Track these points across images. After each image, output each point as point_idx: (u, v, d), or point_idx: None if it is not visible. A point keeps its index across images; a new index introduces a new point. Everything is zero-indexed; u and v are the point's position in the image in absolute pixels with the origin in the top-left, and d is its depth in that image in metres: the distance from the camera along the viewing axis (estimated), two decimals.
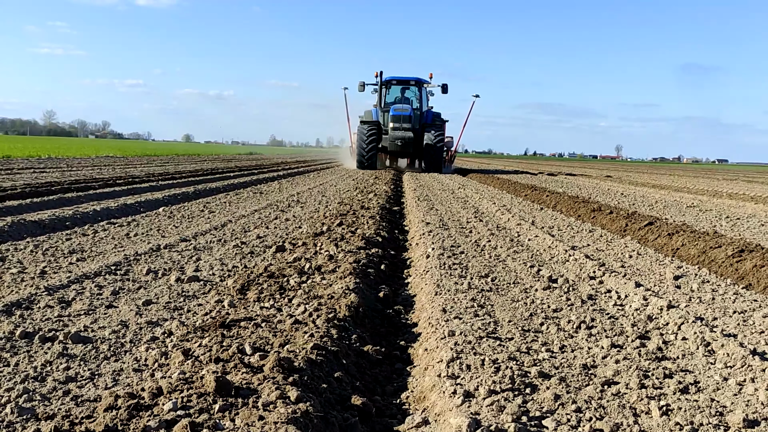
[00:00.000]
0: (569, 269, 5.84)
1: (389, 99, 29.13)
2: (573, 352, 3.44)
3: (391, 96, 29.30)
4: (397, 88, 29.33)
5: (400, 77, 29.16)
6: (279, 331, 3.30)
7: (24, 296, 3.77)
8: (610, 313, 4.31)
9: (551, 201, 13.25)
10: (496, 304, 4.39)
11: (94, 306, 3.74)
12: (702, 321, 4.07)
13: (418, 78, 28.97)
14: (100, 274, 4.50)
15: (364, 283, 4.71)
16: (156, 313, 3.69)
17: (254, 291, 4.21)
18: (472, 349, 3.28)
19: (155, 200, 9.93)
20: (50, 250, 5.40)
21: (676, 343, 3.62)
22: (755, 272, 6.07)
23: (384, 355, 3.48)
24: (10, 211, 8.22)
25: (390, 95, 29.30)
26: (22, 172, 16.82)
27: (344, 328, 3.53)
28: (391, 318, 4.30)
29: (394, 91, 29.44)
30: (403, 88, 29.27)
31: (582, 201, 12.68)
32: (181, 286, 4.36)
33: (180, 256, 5.42)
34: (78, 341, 3.11)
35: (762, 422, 2.60)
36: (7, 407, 2.33)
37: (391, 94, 29.32)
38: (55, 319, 3.44)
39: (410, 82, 28.97)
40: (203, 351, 2.97)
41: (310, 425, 2.33)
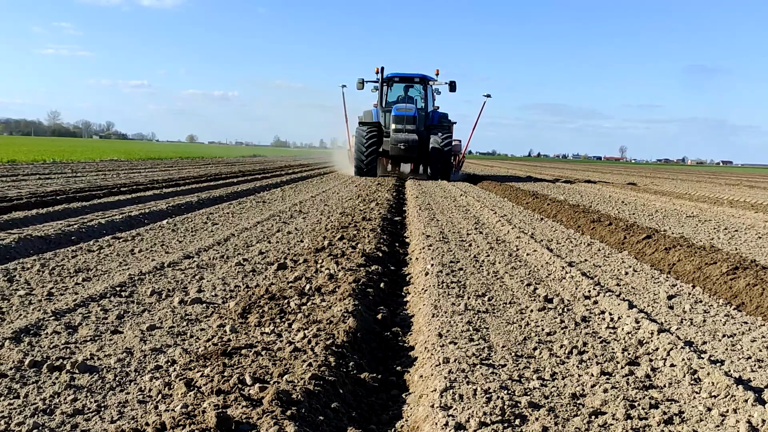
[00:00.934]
0: (565, 287, 5.95)
1: (391, 98, 26.89)
2: (564, 379, 3.54)
3: (393, 95, 27.08)
4: (399, 86, 27.05)
5: (404, 74, 26.77)
6: (279, 360, 3.42)
7: (32, 321, 3.89)
8: (603, 336, 4.41)
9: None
10: (492, 326, 4.50)
11: (100, 332, 3.86)
12: (691, 346, 4.18)
13: (423, 75, 26.61)
14: (106, 296, 4.62)
15: (362, 304, 4.82)
16: (160, 339, 3.81)
17: (255, 315, 4.32)
18: (465, 378, 3.39)
19: (159, 211, 10.06)
20: (57, 269, 5.52)
21: (664, 371, 3.72)
22: (748, 291, 6.17)
23: (380, 381, 3.59)
24: (17, 224, 8.34)
25: (392, 94, 27.08)
26: (27, 178, 16.97)
27: (342, 355, 3.64)
28: (389, 341, 4.42)
29: (397, 90, 27.17)
30: (407, 86, 26.91)
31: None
32: (184, 309, 4.48)
33: (183, 275, 5.53)
34: (85, 371, 3.22)
35: None
36: None
37: (393, 93, 27.11)
38: (62, 346, 3.56)
39: (414, 79, 26.63)
40: (205, 381, 3.08)
41: None
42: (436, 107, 26.69)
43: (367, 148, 24.02)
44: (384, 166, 28.25)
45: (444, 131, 24.85)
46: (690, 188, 26.84)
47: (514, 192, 18.60)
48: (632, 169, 76.11)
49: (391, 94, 27.02)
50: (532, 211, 13.64)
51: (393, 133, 24.54)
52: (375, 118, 25.87)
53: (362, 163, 24.21)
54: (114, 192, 13.46)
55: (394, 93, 27.07)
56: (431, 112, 26.37)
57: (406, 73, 26.71)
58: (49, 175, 18.88)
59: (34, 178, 17.06)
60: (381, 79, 26.03)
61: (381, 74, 25.90)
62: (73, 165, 25.29)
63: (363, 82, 26.20)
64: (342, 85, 27.54)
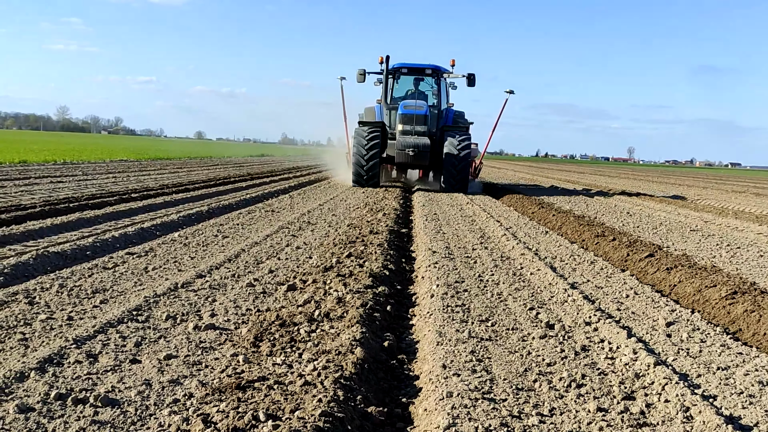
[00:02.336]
0: (567, 312, 6.10)
1: (398, 93, 23.07)
2: (561, 415, 3.71)
3: (400, 89, 23.28)
4: (408, 78, 23.20)
5: (413, 64, 22.62)
6: (290, 394, 3.59)
7: (55, 350, 4.07)
8: (601, 368, 4.57)
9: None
10: (494, 356, 4.67)
11: (119, 361, 4.04)
12: (686, 380, 4.35)
13: (435, 66, 22.44)
14: (123, 321, 4.80)
15: (369, 330, 5.00)
16: (176, 369, 3.99)
17: (267, 343, 4.50)
18: (467, 414, 3.56)
19: (171, 222, 10.25)
20: (75, 289, 5.71)
21: (658, 407, 3.88)
22: (745, 317, 6.33)
23: (386, 414, 3.77)
24: (32, 236, 8.56)
25: (399, 88, 23.25)
26: (39, 182, 17.21)
27: (350, 388, 3.82)
28: (395, 369, 4.59)
29: (405, 83, 23.39)
30: (417, 78, 23.03)
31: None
32: (198, 335, 4.66)
33: (197, 297, 5.72)
34: (107, 404, 3.40)
35: None
36: None
37: (400, 87, 23.32)
38: (84, 377, 3.75)
39: (426, 70, 22.49)
40: (221, 417, 3.26)
41: None
42: (451, 104, 22.66)
43: (368, 153, 20.30)
44: (388, 173, 25.11)
45: (461, 133, 20.90)
46: (696, 195, 26.74)
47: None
48: (640, 172, 75.95)
49: (398, 89, 23.29)
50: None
51: (400, 135, 20.66)
52: (378, 116, 22.16)
53: (362, 171, 20.45)
54: (125, 199, 13.67)
55: (401, 87, 23.39)
56: (445, 110, 22.48)
57: (416, 64, 22.65)
58: (61, 177, 19.12)
59: (46, 182, 17.30)
60: (386, 71, 21.70)
61: (386, 64, 21.55)
62: (83, 166, 25.54)
63: (365, 74, 22.45)
64: (340, 78, 23.51)
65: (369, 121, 21.52)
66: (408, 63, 22.68)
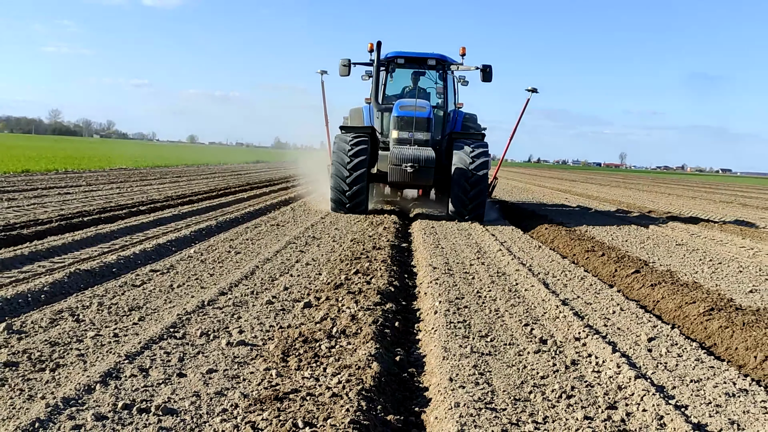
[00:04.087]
0: (558, 327, 6.71)
1: (393, 90, 18.31)
2: (554, 422, 4.31)
3: (396, 85, 18.47)
4: (405, 72, 18.34)
5: (412, 53, 17.67)
6: (321, 405, 4.19)
7: (111, 365, 4.66)
8: (588, 380, 5.18)
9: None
10: (494, 369, 5.27)
11: (168, 374, 4.63)
12: (662, 392, 4.95)
13: (440, 55, 17.57)
14: (163, 338, 5.39)
15: (382, 346, 5.59)
16: (219, 382, 4.58)
17: (294, 358, 5.10)
18: (473, 422, 4.16)
19: (184, 238, 10.82)
20: (112, 307, 6.29)
21: (636, 415, 4.49)
22: (720, 333, 6.97)
23: (402, 422, 4.37)
24: (56, 252, 9.12)
25: (394, 84, 18.42)
26: (47, 193, 17.73)
27: (371, 399, 4.42)
28: (406, 382, 5.19)
29: (402, 77, 18.54)
30: (417, 72, 18.20)
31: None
32: (231, 351, 5.25)
33: (223, 314, 6.31)
34: (167, 413, 3.99)
35: None
36: None
37: (396, 82, 18.48)
38: (142, 389, 4.33)
39: (428, 61, 17.61)
40: (266, 425, 3.85)
41: None
42: (460, 105, 18.16)
43: (352, 169, 15.62)
44: (380, 190, 20.65)
45: (475, 143, 16.24)
46: (684, 204, 27.44)
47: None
48: (633, 178, 76.89)
49: (393, 85, 18.42)
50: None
51: (395, 145, 16.10)
52: (367, 120, 17.77)
53: (343, 193, 15.76)
54: (134, 212, 14.23)
55: (397, 82, 18.55)
56: (453, 112, 17.96)
57: (417, 53, 17.69)
58: (67, 188, 19.64)
59: (54, 193, 17.83)
60: (377, 61, 16.54)
61: (377, 53, 16.41)
62: (86, 176, 26.05)
63: (349, 65, 17.73)
64: (321, 71, 19.13)
65: (354, 126, 17.09)
66: (406, 51, 17.69)
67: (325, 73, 19.21)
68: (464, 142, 16.32)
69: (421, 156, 15.49)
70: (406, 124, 16.29)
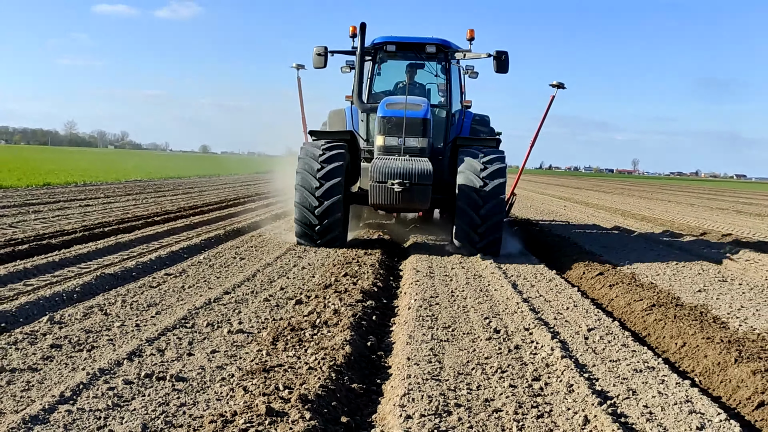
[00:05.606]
0: (515, 320, 7.83)
1: (382, 86, 14.64)
2: (484, 389, 5.42)
3: (386, 80, 14.78)
4: (398, 63, 14.80)
5: (406, 38, 14.04)
6: (299, 374, 5.34)
7: (134, 347, 5.83)
8: (524, 360, 6.30)
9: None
10: (447, 352, 6.40)
11: (180, 354, 5.80)
12: (582, 368, 6.05)
13: (442, 40, 13.87)
14: (176, 327, 6.57)
15: (357, 334, 6.74)
16: (220, 359, 5.75)
17: (282, 342, 6.26)
18: (418, 387, 5.29)
19: (194, 246, 12.02)
20: (134, 304, 7.49)
21: (553, 385, 5.60)
22: (654, 324, 8.08)
23: (365, 390, 5.51)
24: (83, 259, 10.33)
25: (384, 77, 14.73)
26: (69, 205, 19.02)
27: (341, 372, 5.56)
28: (374, 362, 6.33)
29: (393, 70, 14.92)
30: (413, 64, 14.57)
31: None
32: (232, 337, 6.42)
33: (226, 309, 7.48)
34: (179, 380, 5.16)
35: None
36: (157, 420, 4.38)
37: (385, 75, 14.80)
38: (159, 364, 5.50)
39: (427, 47, 13.74)
40: (254, 388, 5.00)
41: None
42: (468, 103, 14.62)
43: (325, 180, 11.97)
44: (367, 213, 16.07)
45: (487, 150, 12.66)
46: (684, 212, 28.18)
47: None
48: (644, 186, 77.42)
49: (383, 79, 14.71)
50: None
51: (379, 154, 12.59)
52: (349, 123, 14.21)
53: (311, 212, 12.02)
54: (150, 223, 15.46)
55: (388, 77, 14.84)
56: (459, 112, 14.41)
57: (412, 37, 14.03)
58: (87, 200, 20.94)
59: (75, 205, 19.11)
60: (360, 48, 12.98)
61: (360, 38, 12.93)
62: (104, 188, 27.42)
63: (326, 54, 14.05)
64: (296, 65, 16.05)
65: (326, 131, 13.62)
66: (398, 36, 14.02)
67: (301, 67, 15.99)
68: (473, 151, 12.51)
69: (414, 169, 11.55)
70: (394, 126, 12.48)
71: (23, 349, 5.74)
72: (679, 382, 5.72)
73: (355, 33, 13.48)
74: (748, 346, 6.78)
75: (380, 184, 11.72)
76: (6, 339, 5.98)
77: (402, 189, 11.62)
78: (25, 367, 5.30)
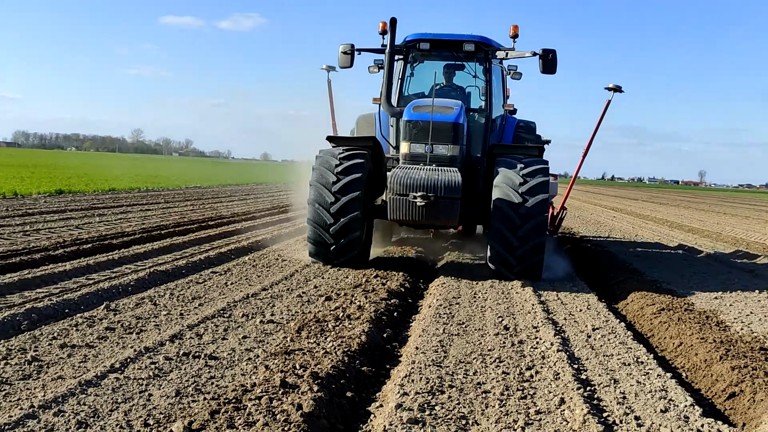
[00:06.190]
0: (526, 319, 8.44)
1: (417, 87, 13.31)
2: (479, 375, 6.09)
3: (420, 80, 13.35)
4: (437, 63, 13.30)
5: (442, 35, 12.81)
6: (315, 357, 6.10)
7: (176, 331, 6.70)
8: (524, 352, 6.92)
9: None
10: (455, 344, 7.08)
11: (215, 338, 6.64)
12: (574, 360, 6.65)
13: (482, 38, 12.64)
14: (215, 317, 7.42)
15: (376, 327, 7.47)
16: (249, 344, 6.56)
17: (306, 331, 7.04)
18: (419, 372, 5.99)
19: (242, 248, 12.97)
20: (180, 296, 8.40)
21: (542, 373, 6.22)
22: (659, 326, 8.55)
23: (374, 373, 6.24)
24: (140, 257, 11.34)
25: (418, 78, 13.34)
26: (131, 209, 20.32)
27: (353, 357, 6.31)
28: (388, 351, 7.06)
29: (429, 71, 13.16)
30: (451, 64, 13.28)
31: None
32: (263, 326, 7.23)
33: (262, 303, 8.32)
34: (211, 359, 5.99)
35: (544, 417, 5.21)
36: (188, 388, 5.21)
37: (419, 76, 13.34)
38: (196, 345, 6.35)
39: (465, 45, 12.55)
40: (275, 366, 5.79)
41: (323, 403, 5.10)
42: (510, 107, 13.49)
43: (341, 195, 10.85)
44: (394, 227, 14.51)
45: (527, 159, 11.28)
46: (738, 226, 28.00)
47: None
48: (705, 197, 75.82)
49: (417, 81, 13.38)
50: None
51: (401, 164, 11.50)
52: (378, 129, 12.95)
53: (325, 229, 10.93)
54: (204, 227, 16.53)
55: (423, 77, 13.37)
56: (500, 117, 13.17)
57: (448, 34, 12.84)
58: (148, 205, 22.25)
59: (136, 210, 20.39)
60: (390, 46, 11.86)
61: (390, 34, 11.82)
62: (164, 194, 28.89)
63: (352, 53, 13.02)
64: (327, 67, 14.91)
65: (346, 137, 12.62)
66: (433, 33, 12.85)
67: (332, 69, 14.79)
68: (511, 161, 11.10)
69: (439, 181, 10.34)
70: (420, 132, 11.34)
71: (82, 330, 6.68)
72: (661, 374, 6.28)
73: (386, 30, 12.38)
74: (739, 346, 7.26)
75: (401, 197, 10.42)
76: (69, 322, 6.94)
77: (425, 203, 10.26)
78: (83, 344, 6.22)
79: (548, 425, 4.98)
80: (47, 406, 4.63)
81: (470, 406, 5.29)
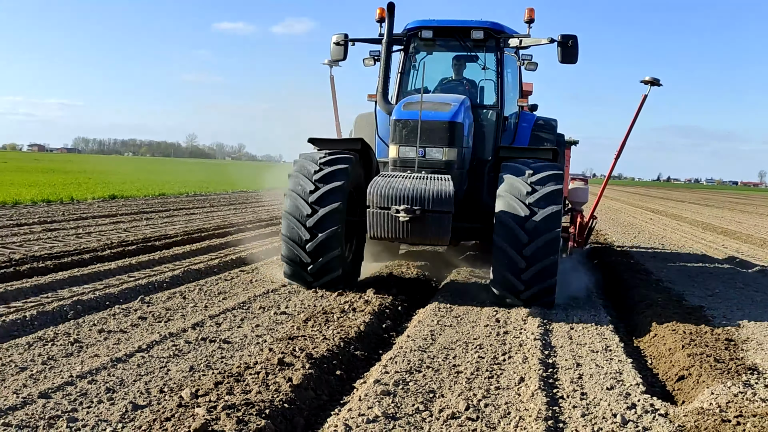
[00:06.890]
0: (518, 315, 9.20)
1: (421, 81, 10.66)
2: (457, 358, 6.93)
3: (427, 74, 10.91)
4: (445, 54, 11.89)
5: (448, 21, 11.22)
6: (314, 342, 7.04)
7: (198, 320, 7.74)
8: (506, 341, 7.73)
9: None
10: (444, 333, 7.92)
11: (232, 326, 7.65)
12: (548, 348, 7.41)
13: (494, 24, 11.06)
14: (235, 309, 8.44)
15: (376, 318, 8.37)
16: (260, 331, 7.55)
17: (312, 321, 7.99)
18: (404, 355, 6.86)
19: (272, 249, 14.00)
20: (207, 291, 9.45)
21: (514, 357, 7.03)
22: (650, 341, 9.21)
23: (366, 357, 7.14)
24: (178, 258, 12.47)
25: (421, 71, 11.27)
26: (177, 213, 21.63)
27: (349, 343, 7.22)
28: (385, 340, 7.95)
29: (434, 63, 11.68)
30: (460, 55, 11.67)
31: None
32: (276, 317, 8.21)
33: (280, 298, 9.30)
34: (225, 342, 6.99)
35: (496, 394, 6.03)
36: (201, 365, 6.21)
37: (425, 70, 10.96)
38: (214, 331, 7.36)
39: (473, 32, 10.88)
40: (279, 349, 6.74)
41: (312, 379, 6.03)
42: (524, 103, 11.61)
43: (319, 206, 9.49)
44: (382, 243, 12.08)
45: (536, 163, 9.51)
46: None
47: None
48: (759, 198, 74.47)
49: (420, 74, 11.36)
50: None
51: (392, 170, 10.07)
52: (377, 129, 11.39)
53: (301, 246, 9.52)
54: (242, 230, 17.66)
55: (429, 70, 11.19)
56: (513, 115, 11.51)
57: (455, 21, 11.27)
58: (192, 209, 23.58)
59: (181, 213, 21.70)
60: (387, 34, 10.54)
61: (388, 21, 10.49)
62: (210, 198, 30.34)
63: (345, 43, 11.60)
64: (328, 62, 12.68)
65: (329, 139, 10.80)
66: (436, 20, 11.29)
67: (335, 64, 12.69)
68: (518, 166, 9.50)
69: (427, 191, 8.78)
70: (409, 133, 9.81)
71: (118, 319, 7.76)
72: (622, 360, 7.02)
73: (383, 17, 10.87)
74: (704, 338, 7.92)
75: (381, 211, 8.87)
76: (108, 312, 8.04)
77: (410, 218, 8.70)
78: (117, 330, 7.30)
79: (502, 398, 5.81)
80: (83, 376, 5.69)
81: (441, 383, 6.15)
